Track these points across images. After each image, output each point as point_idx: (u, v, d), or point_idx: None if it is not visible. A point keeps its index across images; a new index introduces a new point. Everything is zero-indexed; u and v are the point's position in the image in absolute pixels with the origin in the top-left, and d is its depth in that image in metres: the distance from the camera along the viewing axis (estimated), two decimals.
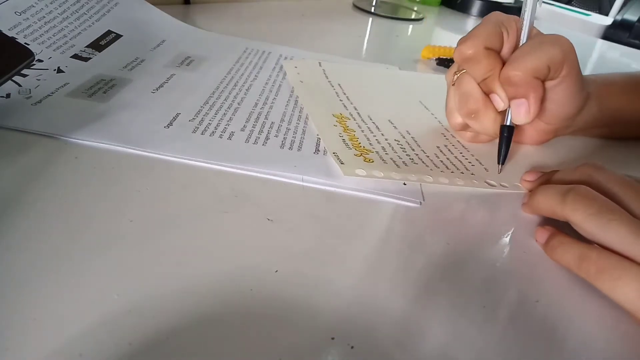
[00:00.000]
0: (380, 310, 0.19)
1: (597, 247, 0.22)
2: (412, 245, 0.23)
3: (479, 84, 0.31)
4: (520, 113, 0.30)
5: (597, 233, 0.22)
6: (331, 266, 0.21)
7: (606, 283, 0.20)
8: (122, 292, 0.18)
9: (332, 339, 0.17)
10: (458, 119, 0.33)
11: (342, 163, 0.28)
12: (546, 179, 0.28)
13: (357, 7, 0.74)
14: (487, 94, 0.31)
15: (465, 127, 0.34)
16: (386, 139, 0.32)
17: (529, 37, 0.31)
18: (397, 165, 0.29)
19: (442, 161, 0.31)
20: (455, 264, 0.23)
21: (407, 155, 0.31)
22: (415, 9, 0.81)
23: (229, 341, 0.17)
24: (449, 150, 0.33)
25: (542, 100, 0.30)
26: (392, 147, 0.31)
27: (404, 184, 0.27)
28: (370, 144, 0.31)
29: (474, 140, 0.35)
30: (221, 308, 0.18)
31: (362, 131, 0.33)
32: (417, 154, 0.31)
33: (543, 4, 1.27)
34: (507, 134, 0.31)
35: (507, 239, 0.25)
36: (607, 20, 1.33)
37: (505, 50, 0.31)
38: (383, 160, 0.29)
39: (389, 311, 0.19)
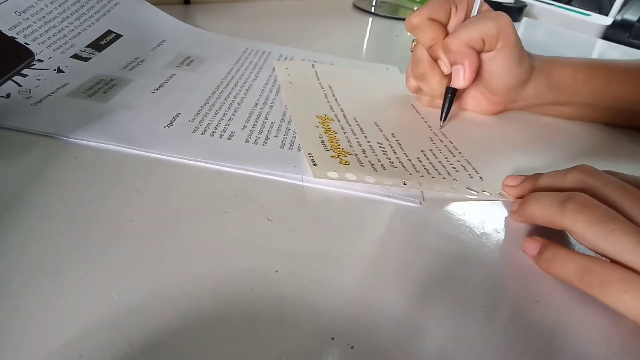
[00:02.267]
0: (380, 310, 0.19)
1: (598, 259, 0.21)
2: (412, 245, 0.23)
3: (428, 51, 0.36)
4: (458, 77, 0.34)
5: (600, 243, 0.21)
6: (331, 266, 0.21)
7: (612, 297, 0.20)
8: (122, 292, 0.18)
9: (332, 339, 0.17)
10: (412, 82, 0.38)
11: (314, 165, 0.27)
12: (531, 183, 0.27)
13: (357, 7, 0.74)
14: (434, 59, 0.36)
15: (418, 89, 0.39)
16: (368, 142, 0.32)
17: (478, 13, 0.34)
18: (374, 168, 0.28)
19: (424, 165, 0.30)
20: (455, 264, 0.23)
21: (387, 158, 0.30)
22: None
23: (229, 341, 0.17)
24: (434, 154, 0.32)
25: (477, 68, 0.34)
26: (373, 150, 0.31)
27: (404, 184, 0.27)
28: (350, 146, 0.31)
29: (430, 105, 0.39)
30: (221, 308, 0.18)
31: (345, 133, 0.32)
32: (398, 157, 0.30)
33: (543, 4, 1.27)
34: (450, 95, 0.35)
35: (507, 239, 0.25)
36: (607, 20, 1.33)
37: (453, 24, 0.35)
38: (360, 162, 0.29)
39: (389, 311, 0.19)
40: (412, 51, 0.38)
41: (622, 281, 0.19)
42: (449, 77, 0.35)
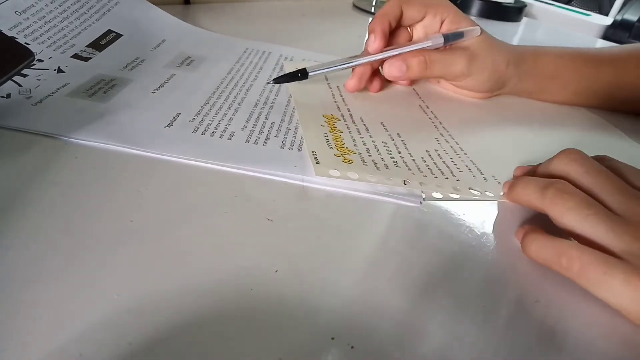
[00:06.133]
0: (380, 310, 0.19)
1: (576, 244, 0.21)
2: (412, 245, 0.23)
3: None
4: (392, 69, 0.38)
5: (575, 227, 0.22)
6: (331, 266, 0.21)
7: (591, 279, 0.20)
8: (122, 292, 0.18)
9: (332, 339, 0.17)
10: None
11: (317, 163, 0.27)
12: (532, 170, 0.29)
13: (357, 7, 0.74)
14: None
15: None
16: (373, 141, 0.32)
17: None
18: (377, 167, 0.28)
19: (427, 165, 0.30)
20: (455, 264, 0.23)
21: (391, 157, 0.30)
22: None
23: (229, 341, 0.17)
24: (439, 154, 0.32)
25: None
26: (377, 149, 0.31)
27: (405, 184, 0.27)
28: (355, 145, 0.31)
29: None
30: (221, 308, 0.18)
31: (350, 132, 0.32)
32: (402, 157, 0.30)
33: (543, 4, 1.27)
34: None
35: (507, 239, 0.25)
36: (607, 20, 1.33)
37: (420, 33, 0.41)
38: (364, 161, 0.29)
39: (389, 311, 0.19)
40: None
41: (601, 263, 0.20)
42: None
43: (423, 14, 0.40)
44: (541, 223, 0.26)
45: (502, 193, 0.29)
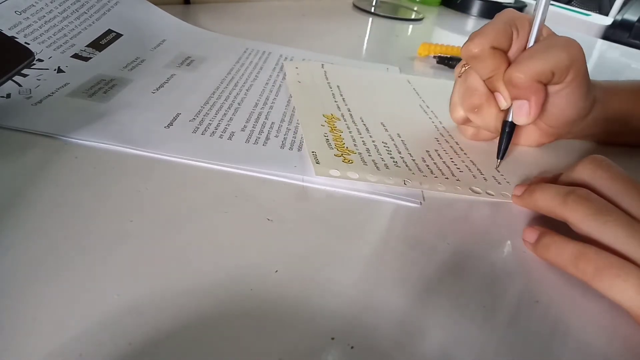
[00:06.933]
0: (380, 310, 0.19)
1: (593, 247, 0.21)
2: (412, 245, 0.23)
3: (485, 82, 0.31)
4: (521, 114, 0.30)
5: (594, 233, 0.22)
6: (331, 266, 0.21)
7: (604, 281, 0.20)
8: (122, 292, 0.18)
9: (332, 339, 0.17)
10: (460, 113, 0.34)
11: (317, 162, 0.28)
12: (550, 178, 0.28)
13: (357, 7, 0.74)
14: (491, 90, 0.31)
15: (466, 121, 0.34)
16: (373, 141, 0.32)
17: (538, 38, 0.30)
18: (377, 167, 0.28)
19: (427, 165, 0.30)
20: (456, 264, 0.23)
21: (391, 157, 0.30)
22: (415, 9, 0.81)
23: (229, 341, 0.17)
24: (439, 155, 0.32)
25: (544, 104, 0.30)
26: (377, 149, 0.31)
27: (405, 183, 0.27)
28: (355, 145, 0.31)
29: (475, 138, 0.35)
30: (221, 308, 0.18)
31: (350, 132, 0.32)
32: (402, 157, 0.30)
33: None
34: (509, 130, 0.31)
35: (507, 239, 0.25)
36: (607, 20, 1.33)
37: (514, 50, 0.31)
38: (364, 161, 0.29)
39: (389, 311, 0.19)
40: (459, 77, 0.34)
41: (614, 266, 0.20)
42: (505, 110, 0.31)
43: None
44: (542, 223, 0.26)
45: (508, 194, 0.29)
